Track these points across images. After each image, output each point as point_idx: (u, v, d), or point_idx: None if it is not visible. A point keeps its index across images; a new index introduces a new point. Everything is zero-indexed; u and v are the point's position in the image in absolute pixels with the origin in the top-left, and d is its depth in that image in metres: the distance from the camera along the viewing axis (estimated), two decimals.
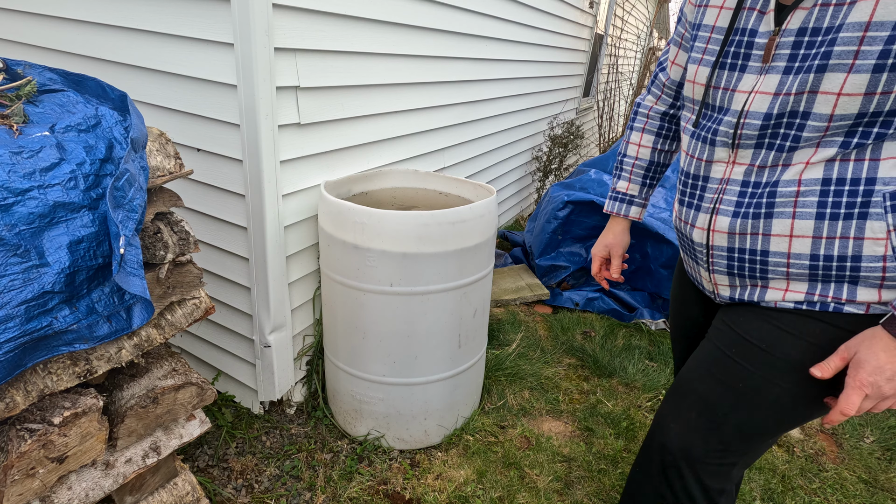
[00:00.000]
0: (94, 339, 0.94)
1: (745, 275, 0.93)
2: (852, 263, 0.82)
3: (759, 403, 0.92)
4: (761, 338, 0.92)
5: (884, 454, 2.13)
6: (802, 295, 0.88)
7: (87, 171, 0.93)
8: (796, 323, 0.89)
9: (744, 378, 0.93)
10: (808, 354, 0.87)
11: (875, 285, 0.82)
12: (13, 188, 0.84)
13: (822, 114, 0.79)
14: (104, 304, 0.93)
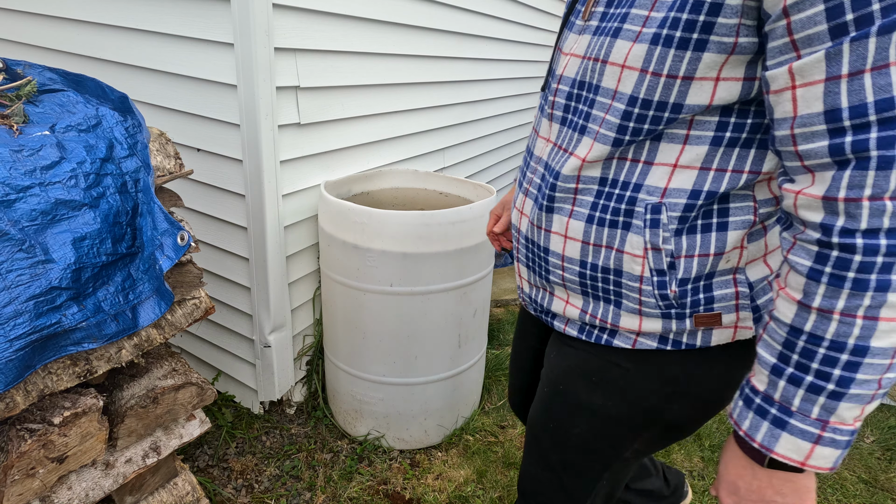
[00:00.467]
0: (103, 337, 0.95)
1: (535, 271, 0.86)
2: (615, 278, 0.74)
3: (564, 440, 0.88)
4: (558, 376, 0.88)
5: (884, 454, 2.13)
6: (578, 311, 0.81)
7: (88, 170, 0.93)
8: (583, 358, 0.83)
9: (551, 415, 0.89)
10: (594, 395, 0.82)
11: (635, 311, 0.74)
12: (14, 185, 0.84)
13: (607, 88, 0.68)
14: (110, 303, 0.94)
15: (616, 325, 0.77)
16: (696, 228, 0.68)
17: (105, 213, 0.94)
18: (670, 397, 0.78)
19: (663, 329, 0.74)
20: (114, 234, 0.94)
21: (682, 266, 0.69)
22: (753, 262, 0.71)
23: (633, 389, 0.79)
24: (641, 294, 0.73)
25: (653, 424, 0.82)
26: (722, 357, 0.75)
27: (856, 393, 0.52)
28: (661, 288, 0.71)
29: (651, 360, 0.77)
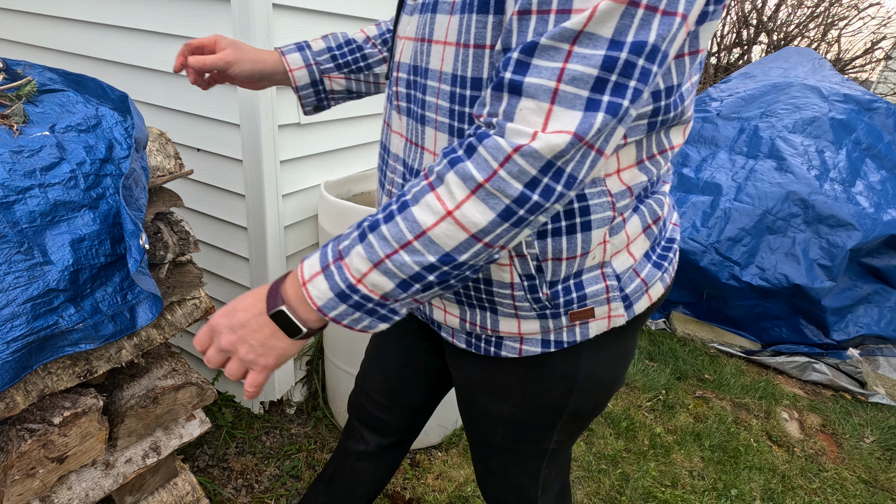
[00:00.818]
0: (100, 338, 0.95)
1: None
2: (485, 287, 0.71)
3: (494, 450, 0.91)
4: (464, 391, 0.88)
5: (884, 454, 2.13)
6: (457, 320, 0.79)
7: (88, 170, 0.93)
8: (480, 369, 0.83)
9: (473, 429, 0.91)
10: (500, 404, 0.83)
11: (512, 315, 0.73)
12: (14, 186, 0.84)
13: (434, 70, 0.62)
14: (108, 304, 0.93)
15: (496, 331, 0.76)
16: (560, 231, 0.66)
17: (105, 213, 0.94)
18: (567, 393, 0.79)
19: (542, 329, 0.74)
20: (113, 234, 0.94)
21: (550, 269, 0.68)
22: (618, 254, 0.70)
23: (532, 393, 0.80)
24: (515, 300, 0.71)
25: (560, 418, 0.83)
26: (603, 344, 0.76)
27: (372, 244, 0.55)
28: (533, 292, 0.69)
29: (539, 363, 0.77)
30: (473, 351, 0.81)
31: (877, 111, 3.14)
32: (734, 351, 2.74)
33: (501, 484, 0.96)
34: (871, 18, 7.67)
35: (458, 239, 0.52)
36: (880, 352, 2.74)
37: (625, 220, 0.69)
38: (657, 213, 0.73)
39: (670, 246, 0.78)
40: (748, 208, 2.79)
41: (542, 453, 0.89)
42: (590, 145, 0.49)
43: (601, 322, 0.74)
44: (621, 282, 0.71)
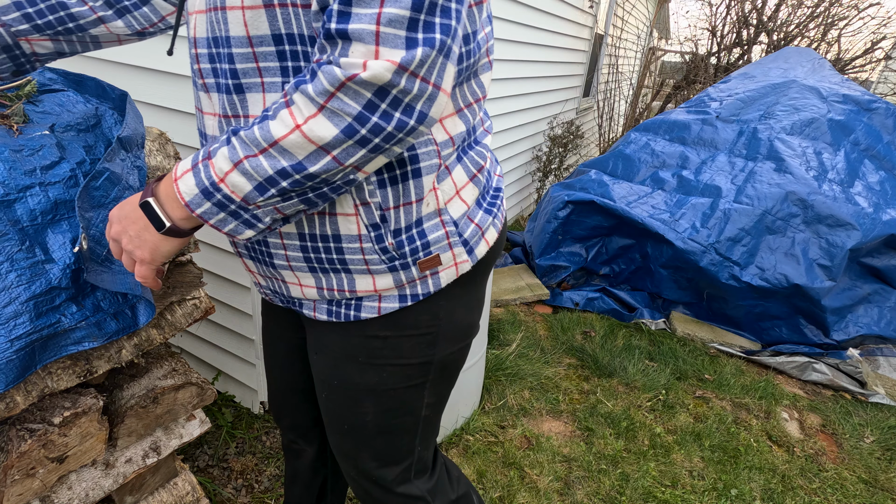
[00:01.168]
0: (103, 336, 0.95)
1: (259, 259, 0.82)
2: (335, 244, 0.74)
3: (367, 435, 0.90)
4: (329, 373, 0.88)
5: (884, 454, 2.13)
6: (315, 290, 0.80)
7: (87, 169, 0.93)
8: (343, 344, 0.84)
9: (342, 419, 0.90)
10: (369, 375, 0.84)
11: (364, 271, 0.76)
12: (15, 184, 0.84)
13: (238, 37, 0.63)
14: (109, 302, 0.94)
15: (354, 292, 0.78)
16: (396, 179, 0.70)
17: (106, 213, 0.94)
18: (433, 343, 0.83)
19: (396, 283, 0.77)
20: None
21: (392, 217, 0.72)
22: (451, 201, 0.76)
23: (398, 352, 0.82)
24: (364, 253, 0.74)
25: (428, 373, 0.86)
26: (456, 291, 0.81)
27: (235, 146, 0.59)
28: (380, 242, 0.73)
29: (401, 320, 0.80)
30: (335, 319, 0.82)
31: (876, 111, 3.14)
32: (734, 351, 2.74)
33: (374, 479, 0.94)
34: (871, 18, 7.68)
35: (307, 150, 0.57)
36: (880, 352, 2.74)
37: (449, 169, 0.75)
38: (480, 163, 0.81)
39: (497, 194, 0.86)
40: (748, 209, 2.79)
41: (414, 424, 0.91)
42: (414, 74, 0.54)
43: (450, 270, 0.78)
44: (459, 227, 0.77)
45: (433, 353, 0.84)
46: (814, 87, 3.29)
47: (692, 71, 6.78)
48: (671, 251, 2.85)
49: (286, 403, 1.14)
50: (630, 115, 6.59)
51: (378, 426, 0.89)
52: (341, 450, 0.95)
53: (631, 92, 7.78)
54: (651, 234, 2.90)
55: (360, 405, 0.87)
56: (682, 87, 6.88)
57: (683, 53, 7.30)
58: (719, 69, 6.70)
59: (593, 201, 3.01)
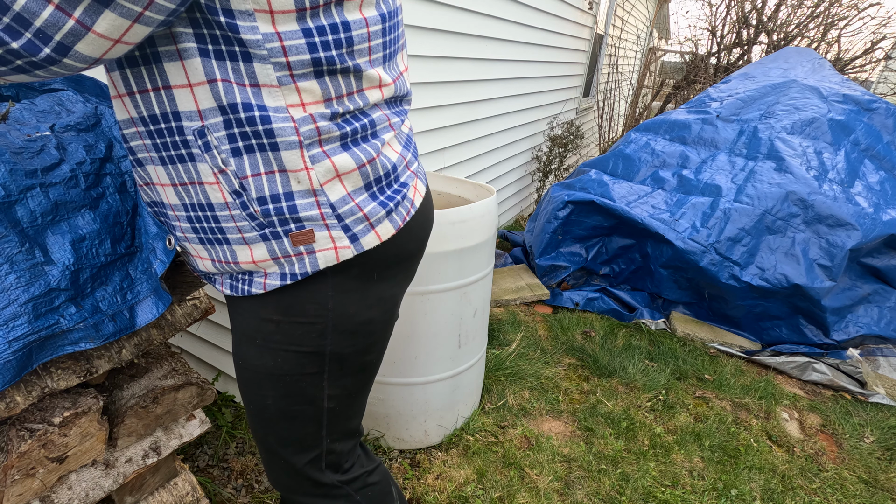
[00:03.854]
0: (100, 337, 0.95)
1: (168, 230, 0.87)
2: (210, 213, 0.77)
3: (269, 419, 0.91)
4: (235, 352, 0.89)
5: (884, 454, 2.13)
6: (209, 262, 0.83)
7: (88, 170, 0.93)
8: (242, 322, 0.86)
9: (247, 399, 0.91)
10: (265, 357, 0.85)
11: (240, 241, 0.78)
12: (16, 186, 0.84)
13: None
14: (108, 303, 0.94)
15: (237, 262, 0.80)
16: (250, 148, 0.72)
17: (105, 213, 0.94)
18: (321, 333, 0.83)
19: (270, 254, 0.78)
20: (113, 234, 0.94)
21: (252, 186, 0.74)
22: (329, 184, 0.76)
23: (290, 338, 0.83)
24: (235, 220, 0.76)
25: (323, 363, 0.86)
26: (347, 284, 0.82)
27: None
28: (245, 208, 0.75)
29: (289, 305, 0.82)
30: (234, 294, 0.84)
31: (876, 111, 3.14)
32: (734, 351, 2.74)
33: (284, 466, 0.95)
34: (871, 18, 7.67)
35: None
36: (880, 352, 2.74)
37: (326, 153, 0.76)
38: (371, 155, 0.81)
39: (400, 190, 0.85)
40: (748, 208, 2.79)
41: (320, 414, 0.91)
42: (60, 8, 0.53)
43: (328, 252, 0.79)
44: (336, 210, 0.78)
45: (324, 343, 0.84)
46: (814, 86, 3.29)
47: (692, 71, 6.78)
48: (671, 251, 2.85)
49: None
50: (630, 115, 6.59)
51: (279, 410, 0.89)
52: (253, 432, 0.96)
53: (631, 92, 7.78)
54: (651, 233, 2.90)
55: (260, 388, 0.88)
56: (682, 87, 6.89)
57: (683, 53, 7.30)
58: (719, 69, 6.70)
59: (593, 201, 3.01)
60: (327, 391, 0.90)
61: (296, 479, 0.97)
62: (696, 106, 3.52)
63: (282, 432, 0.92)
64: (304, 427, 0.92)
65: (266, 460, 0.98)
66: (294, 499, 1.00)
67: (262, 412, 0.91)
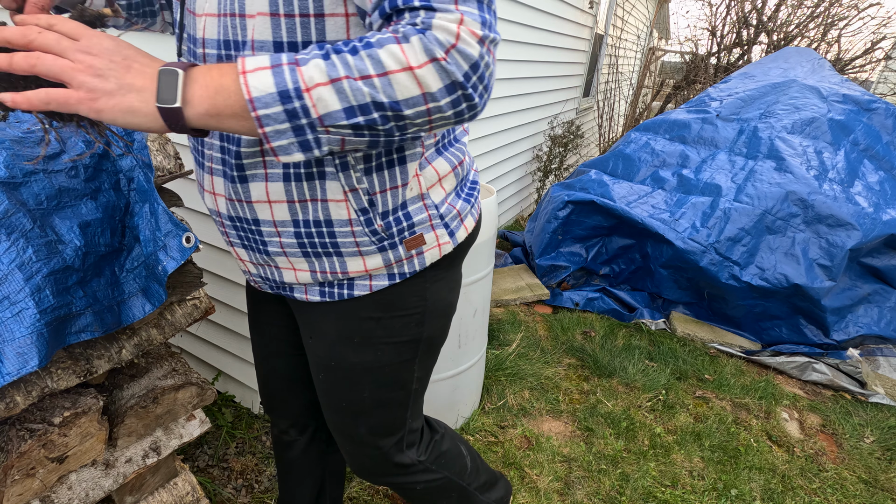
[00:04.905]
0: (103, 326, 0.95)
1: (252, 247, 0.86)
2: (327, 229, 0.79)
3: (365, 412, 0.96)
4: (325, 356, 0.92)
5: (884, 454, 2.13)
6: (308, 274, 0.85)
7: (87, 162, 0.94)
8: (337, 327, 0.89)
9: (339, 399, 0.95)
10: (365, 354, 0.90)
11: (356, 253, 0.81)
12: (19, 169, 0.85)
13: (249, 41, 0.67)
14: (102, 294, 0.94)
15: (346, 273, 0.83)
16: (382, 166, 0.76)
17: (104, 205, 0.95)
18: (420, 321, 0.90)
19: (384, 262, 0.83)
20: (112, 226, 0.95)
21: (380, 201, 0.78)
22: (432, 188, 0.83)
23: (391, 332, 0.89)
24: (355, 236, 0.79)
25: (418, 349, 0.93)
26: (440, 272, 0.89)
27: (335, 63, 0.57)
28: (369, 225, 0.79)
29: (393, 300, 0.87)
30: (328, 299, 0.87)
31: (876, 111, 3.14)
32: (734, 351, 2.74)
33: (374, 451, 1.00)
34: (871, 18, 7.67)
35: (411, 93, 0.57)
36: (880, 352, 2.74)
37: (429, 160, 0.82)
38: (460, 158, 0.89)
39: (474, 187, 0.94)
40: (748, 208, 2.79)
41: (407, 397, 0.98)
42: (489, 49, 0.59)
43: (433, 250, 0.86)
44: (440, 210, 0.84)
45: (421, 331, 0.91)
46: (814, 86, 3.29)
47: (692, 71, 6.78)
48: (671, 251, 2.84)
49: (277, 391, 1.15)
50: (630, 115, 6.59)
51: (374, 401, 0.94)
52: (339, 426, 0.99)
53: (631, 92, 7.78)
54: (651, 233, 2.90)
55: (356, 383, 0.92)
56: (682, 87, 6.88)
57: (683, 53, 7.30)
58: (719, 69, 6.70)
59: (593, 201, 3.01)
60: (416, 374, 0.96)
61: (382, 464, 1.02)
62: (695, 105, 3.52)
63: (373, 420, 0.97)
64: (394, 412, 0.98)
65: (351, 452, 1.02)
66: (390, 483, 1.05)
67: (356, 405, 0.95)
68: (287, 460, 1.24)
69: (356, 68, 0.56)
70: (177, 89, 0.56)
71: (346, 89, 0.56)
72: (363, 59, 0.56)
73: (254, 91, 0.56)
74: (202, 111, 0.57)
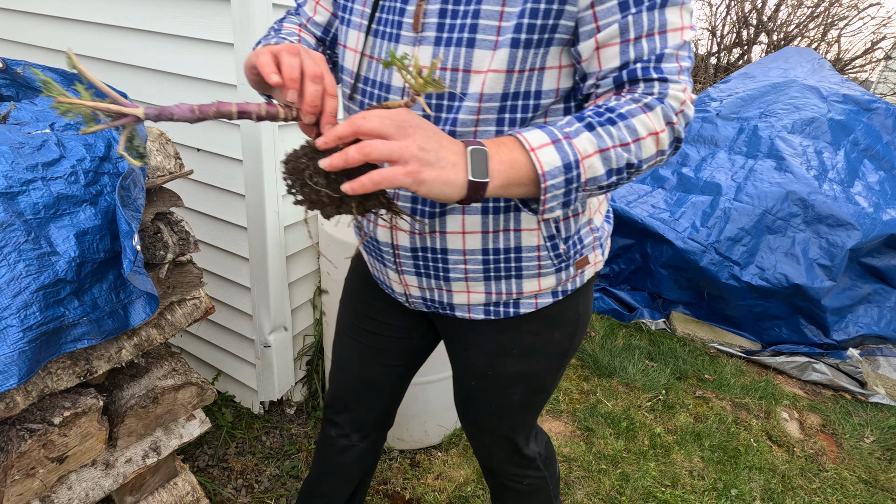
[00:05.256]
0: (101, 333, 0.95)
1: (429, 275, 0.91)
2: (515, 255, 0.86)
3: (512, 412, 1.04)
4: (481, 366, 0.99)
5: (884, 454, 2.13)
6: (483, 296, 0.91)
7: (87, 167, 0.93)
8: (498, 341, 0.96)
9: (490, 402, 1.03)
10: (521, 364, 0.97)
11: (534, 275, 0.89)
12: (17, 178, 0.85)
13: (473, 93, 0.75)
14: (104, 300, 0.94)
15: (521, 293, 0.91)
16: None
17: (104, 210, 0.94)
18: (573, 335, 0.99)
19: (556, 281, 0.91)
20: (112, 231, 0.95)
21: (563, 228, 0.87)
22: (595, 213, 0.93)
23: (548, 344, 0.97)
24: (540, 260, 0.88)
25: (566, 357, 1.02)
26: (587, 287, 0.99)
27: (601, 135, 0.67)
28: (555, 249, 0.87)
29: (553, 315, 0.95)
30: (492, 317, 0.94)
31: (876, 111, 3.14)
32: (734, 351, 2.74)
33: (508, 448, 1.10)
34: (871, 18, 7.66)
35: (651, 151, 0.70)
36: (880, 352, 2.74)
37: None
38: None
39: (609, 210, 1.03)
40: (748, 208, 2.79)
41: (546, 399, 1.08)
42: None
43: (591, 269, 0.95)
44: (598, 233, 0.94)
45: (573, 341, 1.00)
46: (814, 86, 3.29)
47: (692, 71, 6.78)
48: (671, 251, 2.84)
49: (357, 397, 1.15)
50: None
51: (522, 403, 1.04)
52: (480, 423, 1.09)
53: None
54: (651, 233, 2.90)
55: (509, 389, 1.01)
56: None
57: None
58: (719, 69, 6.70)
59: None
60: (558, 380, 1.05)
61: (512, 455, 1.12)
62: (696, 105, 3.52)
63: (516, 419, 1.06)
64: (534, 413, 1.08)
65: (488, 444, 1.12)
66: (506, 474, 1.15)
67: (505, 409, 1.04)
68: (336, 463, 1.22)
69: (618, 138, 0.67)
70: (487, 165, 0.63)
71: (611, 157, 0.67)
72: (622, 129, 0.67)
73: (545, 166, 0.64)
74: (499, 184, 0.64)
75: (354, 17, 0.84)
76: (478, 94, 0.75)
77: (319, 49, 0.97)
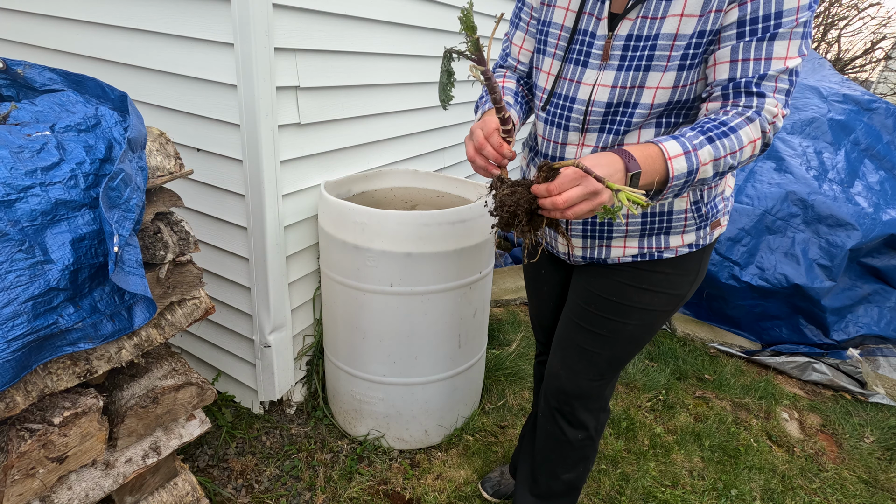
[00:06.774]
0: (98, 337, 0.95)
1: (595, 237, 1.16)
2: (667, 217, 1.10)
3: (619, 340, 1.21)
4: (610, 292, 1.19)
5: (884, 454, 2.13)
6: (636, 249, 1.14)
7: (87, 170, 0.93)
8: (632, 275, 1.16)
9: (604, 325, 1.20)
10: (645, 296, 1.17)
11: (679, 232, 1.12)
12: (15, 185, 0.84)
13: (645, 103, 1.01)
14: (105, 303, 0.93)
15: (667, 247, 1.13)
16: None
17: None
18: (692, 282, 1.19)
19: (696, 238, 1.13)
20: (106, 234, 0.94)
21: (705, 195, 1.10)
22: (726, 187, 1.15)
23: (673, 285, 1.17)
24: (686, 220, 1.11)
25: (679, 303, 1.20)
26: (710, 246, 1.19)
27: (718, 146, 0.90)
28: (698, 211, 1.10)
29: (682, 262, 1.15)
30: (638, 260, 1.15)
31: (876, 111, 3.14)
32: (734, 351, 2.74)
33: (600, 378, 1.26)
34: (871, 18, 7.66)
35: (748, 154, 0.93)
36: (880, 352, 2.74)
37: None
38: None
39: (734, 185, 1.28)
40: (748, 208, 2.79)
41: (643, 345, 1.24)
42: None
43: (719, 230, 1.17)
44: (727, 203, 1.17)
45: (689, 289, 1.19)
46: (814, 86, 3.29)
47: None
48: None
49: (546, 325, 1.47)
50: None
51: (631, 336, 1.21)
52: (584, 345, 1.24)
53: None
54: None
55: (627, 316, 1.18)
56: None
57: None
58: None
59: None
60: (662, 326, 1.20)
61: (596, 390, 1.27)
62: None
63: (617, 351, 1.23)
64: (632, 352, 1.24)
65: (580, 371, 1.25)
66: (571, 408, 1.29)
67: (616, 335, 1.20)
68: (541, 375, 1.59)
69: (728, 147, 0.90)
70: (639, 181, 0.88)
71: (721, 163, 0.91)
72: (732, 140, 0.90)
73: (675, 171, 0.89)
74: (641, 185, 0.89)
75: (549, 47, 1.13)
76: (649, 104, 1.01)
77: (521, 83, 1.27)
